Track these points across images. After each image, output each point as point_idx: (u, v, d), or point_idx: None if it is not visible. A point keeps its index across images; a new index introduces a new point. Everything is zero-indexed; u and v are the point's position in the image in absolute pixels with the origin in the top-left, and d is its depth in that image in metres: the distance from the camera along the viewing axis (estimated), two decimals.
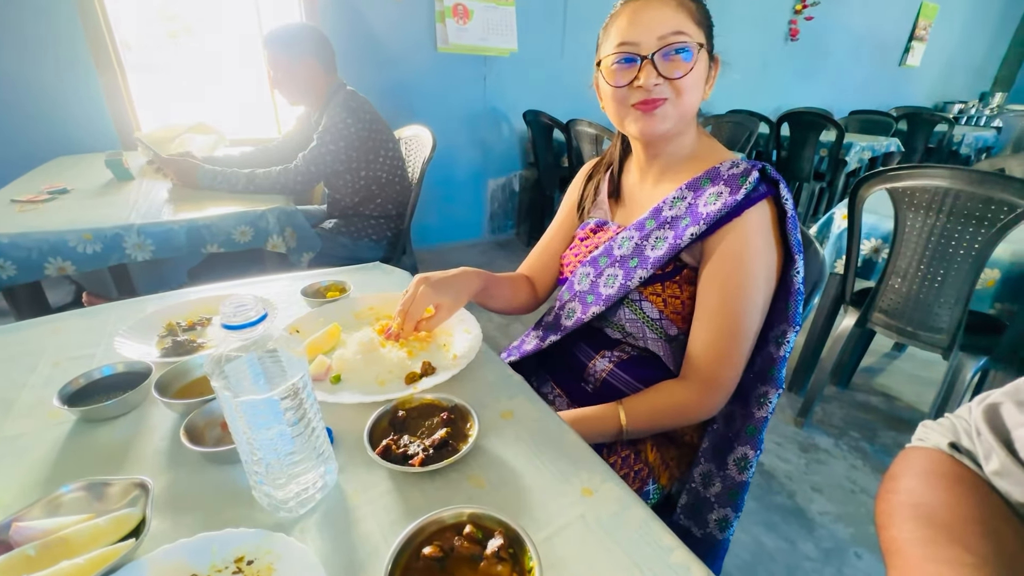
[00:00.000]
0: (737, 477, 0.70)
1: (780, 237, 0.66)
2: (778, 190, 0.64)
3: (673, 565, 0.40)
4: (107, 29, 2.05)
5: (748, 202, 0.63)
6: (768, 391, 0.68)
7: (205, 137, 1.89)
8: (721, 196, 0.64)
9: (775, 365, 0.68)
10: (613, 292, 0.72)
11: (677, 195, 0.69)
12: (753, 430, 0.69)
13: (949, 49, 5.95)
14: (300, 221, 1.39)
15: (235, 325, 0.38)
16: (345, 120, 1.47)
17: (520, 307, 0.89)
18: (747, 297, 0.64)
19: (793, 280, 0.65)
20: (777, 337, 0.68)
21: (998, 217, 1.15)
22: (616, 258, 0.73)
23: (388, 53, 2.67)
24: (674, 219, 0.68)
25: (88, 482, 0.43)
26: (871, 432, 1.69)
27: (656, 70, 0.62)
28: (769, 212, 0.65)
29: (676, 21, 0.62)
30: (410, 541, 0.38)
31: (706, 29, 0.65)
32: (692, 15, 0.63)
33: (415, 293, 0.67)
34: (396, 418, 0.54)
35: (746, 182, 0.63)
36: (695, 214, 0.66)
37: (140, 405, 0.57)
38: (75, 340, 0.71)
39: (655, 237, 0.69)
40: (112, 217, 1.18)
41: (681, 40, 0.62)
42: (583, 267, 0.78)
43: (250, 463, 0.42)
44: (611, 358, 0.77)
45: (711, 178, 0.67)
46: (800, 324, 0.66)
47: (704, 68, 0.66)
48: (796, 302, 0.65)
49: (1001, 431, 0.39)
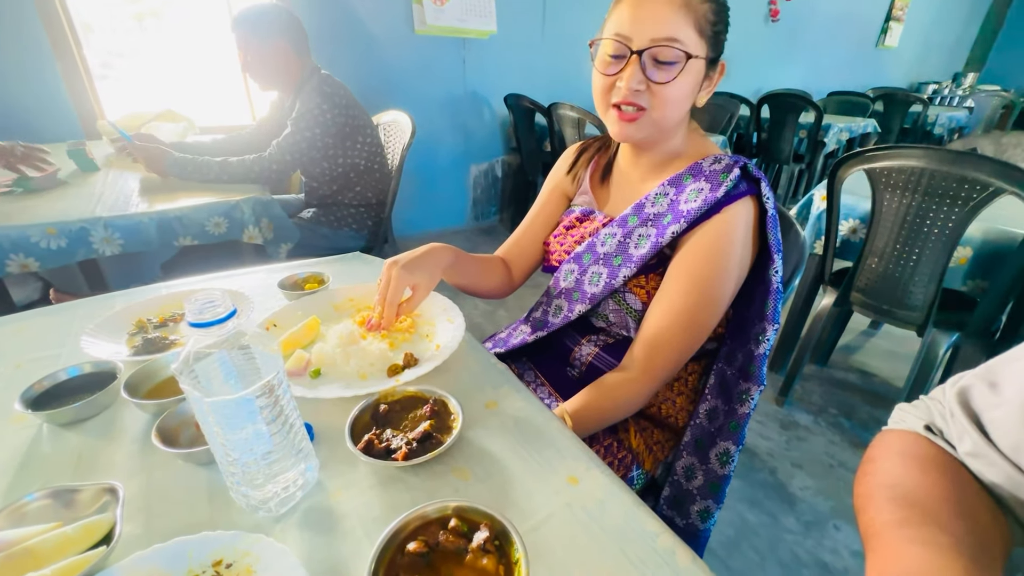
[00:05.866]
0: (719, 471, 0.71)
1: (759, 236, 0.66)
2: (760, 188, 0.64)
3: (659, 550, 0.40)
4: (63, 9, 1.94)
5: (728, 199, 0.63)
6: (750, 388, 0.69)
7: (174, 125, 1.82)
8: (701, 193, 0.63)
9: (755, 362, 0.68)
10: (598, 291, 0.72)
11: (659, 191, 0.68)
12: (735, 426, 0.70)
13: (925, 30, 6.02)
14: (277, 211, 1.35)
15: (202, 323, 0.36)
16: (320, 105, 1.42)
17: (493, 290, 0.86)
18: (708, 293, 0.64)
19: (771, 279, 0.65)
20: (757, 335, 0.68)
21: (971, 196, 1.17)
22: (599, 255, 0.72)
23: (363, 36, 2.59)
24: (656, 216, 0.68)
25: (54, 489, 0.41)
26: (849, 408, 1.73)
27: (642, 70, 0.60)
28: (750, 210, 0.64)
29: (673, 26, 0.58)
30: (394, 537, 0.38)
31: (711, 36, 0.62)
32: (695, 21, 0.59)
33: (389, 278, 0.65)
34: (378, 412, 0.53)
35: (727, 179, 0.63)
36: (676, 211, 0.65)
37: (109, 407, 0.55)
38: (39, 340, 0.68)
39: (638, 235, 0.69)
40: (77, 210, 1.13)
41: (671, 48, 0.59)
42: (567, 264, 0.77)
43: (225, 464, 0.41)
44: (597, 342, 0.77)
45: (693, 174, 0.66)
46: (779, 322, 0.66)
47: (694, 79, 0.62)
48: (775, 300, 0.66)
49: (973, 413, 0.40)
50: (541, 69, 3.19)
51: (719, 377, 0.73)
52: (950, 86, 6.18)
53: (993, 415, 0.38)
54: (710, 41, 0.62)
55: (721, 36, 0.64)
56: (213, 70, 2.68)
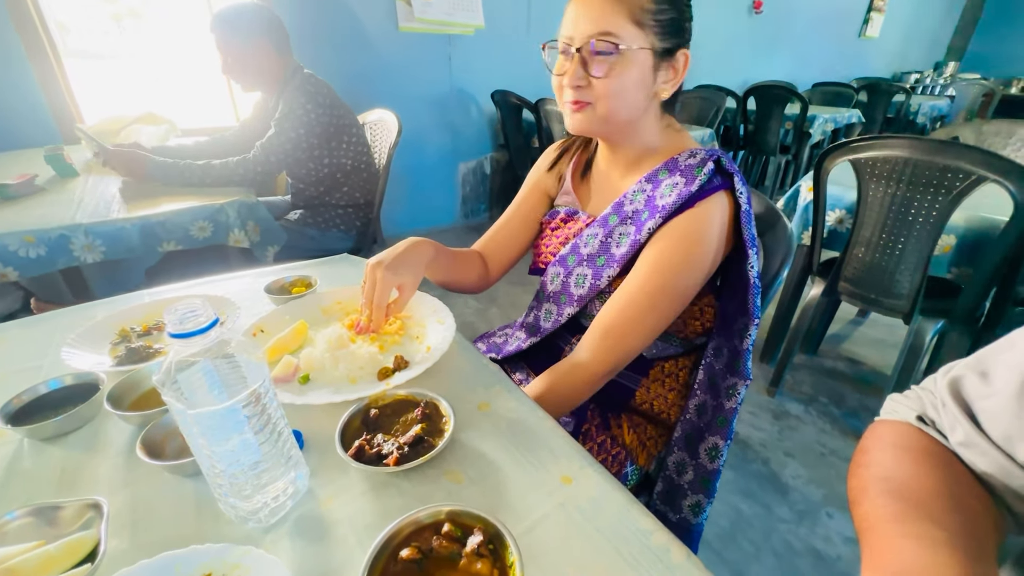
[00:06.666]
0: (709, 465, 0.71)
1: (735, 231, 0.65)
2: (733, 183, 0.63)
3: (653, 547, 0.40)
4: (35, 8, 1.88)
5: (702, 193, 0.63)
6: (737, 383, 0.69)
7: (155, 128, 1.79)
8: (676, 187, 0.63)
9: (740, 358, 0.68)
10: (584, 292, 0.72)
11: (637, 188, 0.68)
12: (723, 421, 0.71)
13: (906, 20, 6.09)
14: (263, 214, 1.33)
15: (184, 333, 0.35)
16: (304, 105, 1.40)
17: (470, 285, 0.85)
18: (671, 281, 0.64)
19: (748, 274, 0.65)
20: (740, 330, 0.68)
21: (954, 184, 1.19)
22: (583, 256, 0.72)
23: (346, 33, 2.55)
24: (635, 213, 0.68)
25: (36, 507, 0.40)
26: (839, 397, 1.76)
27: (583, 66, 0.62)
28: (725, 204, 0.64)
29: (606, 21, 0.59)
30: (387, 544, 0.37)
31: (655, 25, 0.60)
32: (629, 13, 0.59)
33: (375, 280, 0.64)
34: (368, 417, 0.52)
35: (701, 172, 0.63)
36: (652, 207, 0.65)
37: (92, 419, 0.54)
38: (19, 352, 0.67)
39: (619, 233, 0.69)
40: (56, 217, 1.11)
41: (605, 42, 0.60)
42: (552, 267, 0.77)
43: (212, 476, 0.40)
44: None
45: (669, 169, 0.66)
46: (759, 316, 0.66)
47: (636, 72, 0.61)
48: (754, 295, 0.65)
49: (964, 403, 0.40)
50: (528, 65, 3.18)
51: (708, 372, 0.73)
52: (932, 75, 6.26)
53: (984, 405, 0.38)
54: (654, 30, 0.61)
55: (673, 24, 0.61)
56: (194, 71, 2.63)
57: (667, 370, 0.78)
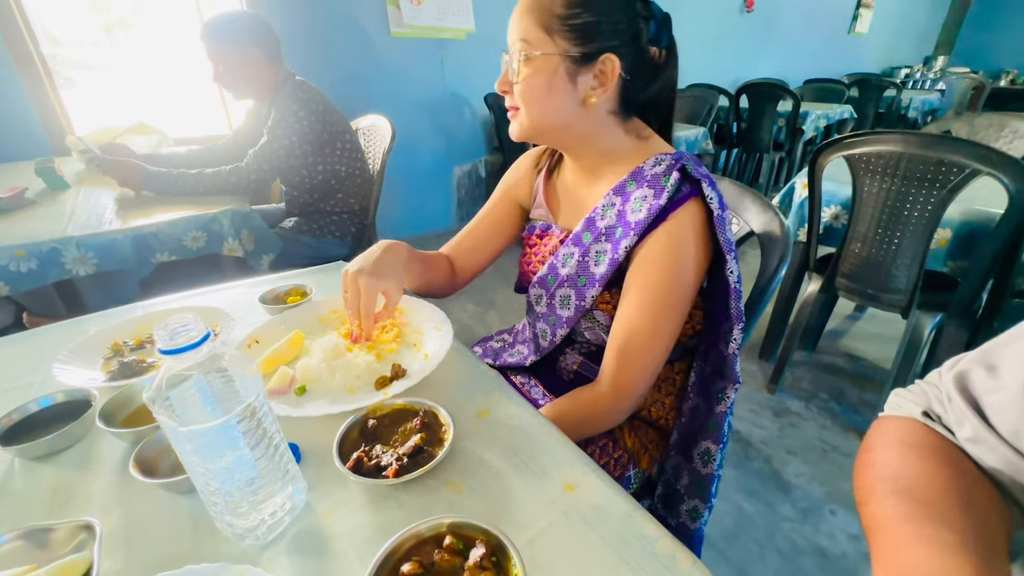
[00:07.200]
0: (702, 470, 0.70)
1: (710, 237, 0.63)
2: (702, 189, 0.61)
3: (659, 555, 0.40)
4: (23, 19, 1.85)
5: (672, 205, 0.61)
6: (726, 387, 0.68)
7: (146, 139, 1.78)
8: (646, 200, 0.62)
9: (727, 362, 0.67)
10: (571, 314, 0.71)
11: (606, 202, 0.67)
12: (714, 425, 0.69)
13: (894, 15, 6.12)
14: (257, 222, 1.32)
15: (175, 349, 0.35)
16: (296, 113, 1.39)
17: (438, 289, 0.84)
18: (666, 302, 0.63)
19: (728, 279, 0.63)
20: (725, 335, 0.67)
21: (948, 178, 1.19)
22: (563, 278, 0.72)
23: (338, 39, 2.55)
24: (608, 230, 0.66)
25: (27, 529, 0.39)
26: (839, 392, 1.76)
27: (508, 73, 0.64)
28: (696, 212, 0.62)
29: (522, 27, 0.61)
30: (387, 559, 0.36)
31: (569, 30, 0.59)
32: (539, 19, 0.59)
33: (358, 288, 0.62)
34: (366, 428, 0.52)
35: (668, 183, 0.61)
36: (625, 223, 0.64)
37: (84, 437, 0.53)
38: (9, 369, 0.66)
39: (595, 251, 0.68)
40: (47, 230, 1.09)
41: (519, 49, 0.62)
42: (534, 289, 0.76)
43: (207, 493, 0.39)
44: (580, 350, 0.78)
45: (635, 178, 0.64)
46: (744, 320, 0.65)
47: (546, 77, 0.61)
48: (736, 300, 0.64)
49: (972, 398, 0.39)
50: None
51: (699, 375, 0.72)
52: (922, 70, 6.30)
53: (992, 399, 0.38)
54: (566, 36, 0.59)
55: (588, 29, 0.59)
56: (186, 80, 2.62)
57: (663, 375, 0.77)
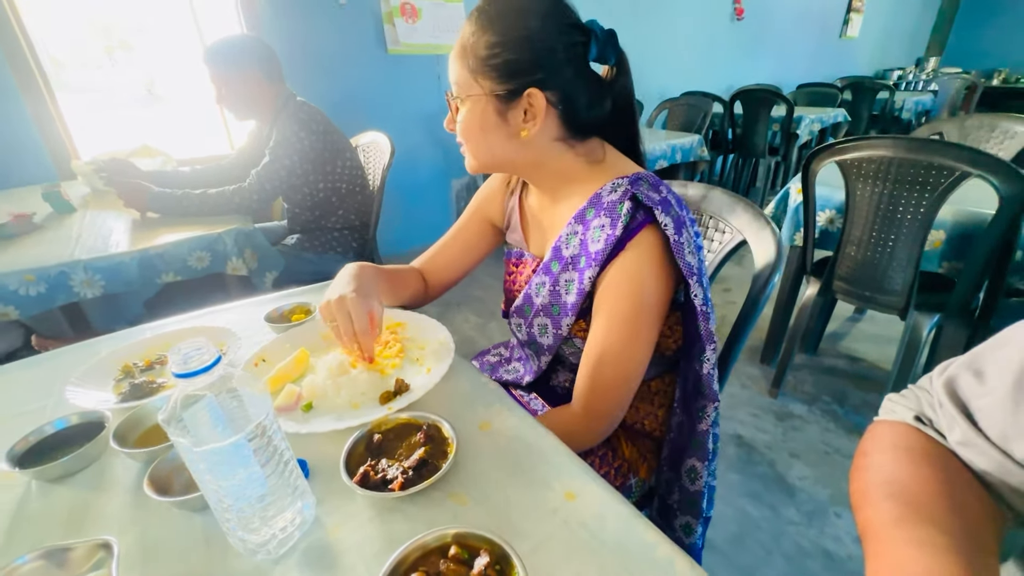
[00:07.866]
0: (690, 487, 0.70)
1: (672, 261, 0.63)
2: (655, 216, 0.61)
3: (658, 560, 0.41)
4: (27, 43, 1.88)
5: (628, 234, 0.62)
6: (706, 404, 0.68)
7: (151, 161, 1.81)
8: (603, 230, 0.63)
9: (703, 381, 0.67)
10: (551, 342, 0.74)
11: (569, 231, 0.68)
12: (697, 443, 0.70)
13: (885, 18, 6.20)
14: (260, 240, 1.35)
15: (188, 372, 0.36)
16: (297, 133, 1.42)
17: (408, 303, 0.84)
18: (631, 330, 0.63)
19: (694, 302, 0.63)
20: (698, 356, 0.67)
21: (939, 181, 1.21)
22: (538, 307, 0.73)
23: (337, 59, 2.60)
24: (573, 259, 0.68)
25: (47, 549, 0.40)
26: (841, 394, 1.76)
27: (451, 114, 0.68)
28: (653, 240, 0.62)
29: (454, 72, 0.64)
30: (395, 570, 0.38)
31: (492, 70, 0.60)
32: (466, 63, 0.62)
33: (347, 312, 0.62)
34: (372, 442, 0.53)
35: (623, 211, 0.61)
36: (588, 253, 0.65)
37: (99, 458, 0.54)
38: (23, 393, 0.67)
39: (564, 280, 0.69)
40: (55, 255, 1.12)
41: (454, 92, 0.65)
42: (514, 318, 0.78)
43: (220, 511, 0.40)
44: (570, 368, 0.79)
45: (594, 206, 0.65)
46: (715, 341, 0.65)
47: (478, 116, 0.63)
48: (705, 321, 0.64)
49: (961, 402, 0.40)
50: None
51: (682, 390, 0.73)
52: (914, 71, 6.36)
53: (980, 404, 0.39)
54: (490, 76, 0.61)
55: (509, 67, 0.60)
56: (188, 101, 2.66)
57: (654, 388, 0.78)
